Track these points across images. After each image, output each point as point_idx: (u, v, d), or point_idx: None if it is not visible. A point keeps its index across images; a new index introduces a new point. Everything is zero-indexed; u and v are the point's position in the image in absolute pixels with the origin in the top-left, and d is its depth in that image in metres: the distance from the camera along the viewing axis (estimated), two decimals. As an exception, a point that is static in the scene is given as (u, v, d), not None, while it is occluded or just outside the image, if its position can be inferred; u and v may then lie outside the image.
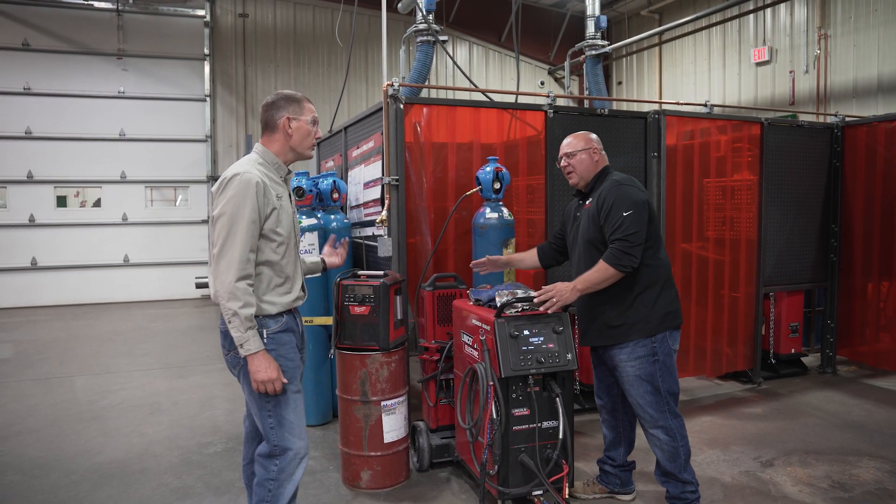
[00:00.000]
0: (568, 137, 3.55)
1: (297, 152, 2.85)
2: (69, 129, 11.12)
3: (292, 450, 2.75)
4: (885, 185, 5.78)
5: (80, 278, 11.24)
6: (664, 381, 3.25)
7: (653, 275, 3.27)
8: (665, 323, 3.28)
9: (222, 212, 2.60)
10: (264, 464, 2.76)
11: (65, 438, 4.75)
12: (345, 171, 5.71)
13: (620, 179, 3.35)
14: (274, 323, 2.73)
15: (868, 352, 6.07)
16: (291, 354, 2.78)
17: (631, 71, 13.50)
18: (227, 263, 2.57)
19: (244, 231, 2.59)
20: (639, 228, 3.16)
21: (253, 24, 12.29)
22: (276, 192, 2.73)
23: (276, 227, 2.70)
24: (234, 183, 2.62)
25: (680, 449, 3.27)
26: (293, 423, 2.76)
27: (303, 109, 2.82)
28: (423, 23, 6.55)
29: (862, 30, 8.83)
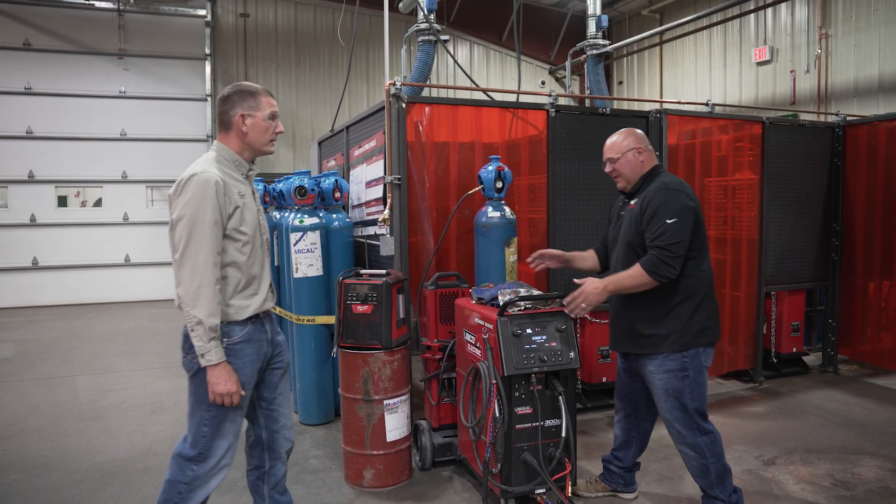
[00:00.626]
0: (610, 138, 3.37)
1: (255, 150, 2.73)
2: (70, 129, 11.13)
3: (214, 460, 2.64)
4: (887, 184, 5.78)
5: (82, 278, 11.24)
6: (692, 398, 3.12)
7: (693, 286, 3.13)
8: (700, 339, 3.14)
9: (181, 215, 2.49)
10: (181, 465, 2.64)
11: (67, 438, 4.75)
12: (346, 171, 5.71)
13: (669, 183, 3.17)
14: (237, 332, 2.62)
15: (869, 351, 6.07)
16: (247, 369, 2.65)
17: (632, 70, 13.50)
18: (191, 269, 2.46)
19: (207, 234, 2.48)
20: (681, 238, 3.03)
21: (254, 24, 12.30)
22: (237, 189, 2.64)
23: (239, 226, 2.61)
24: (192, 184, 2.51)
25: (710, 466, 3.14)
26: (227, 435, 2.66)
27: (259, 104, 2.68)
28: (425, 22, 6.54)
29: (863, 29, 8.84)
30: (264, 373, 2.82)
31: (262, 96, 2.71)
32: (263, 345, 2.74)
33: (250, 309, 2.66)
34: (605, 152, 3.36)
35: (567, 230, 4.81)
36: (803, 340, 6.22)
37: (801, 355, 6.23)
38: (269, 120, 2.72)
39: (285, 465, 2.97)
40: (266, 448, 2.90)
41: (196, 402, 2.64)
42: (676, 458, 4.20)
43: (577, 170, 4.83)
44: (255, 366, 2.70)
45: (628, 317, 3.25)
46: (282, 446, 2.91)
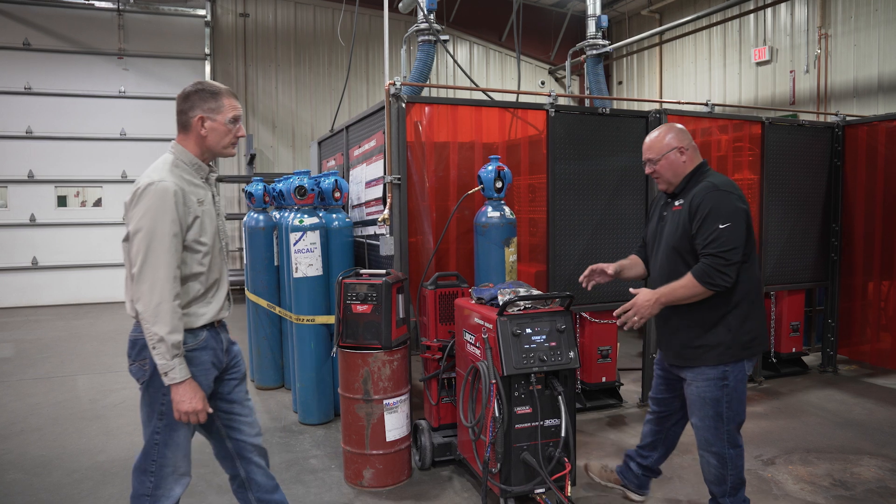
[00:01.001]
0: (649, 136, 3.16)
1: (214, 153, 2.61)
2: (70, 129, 11.13)
3: (170, 468, 2.55)
4: (886, 184, 5.79)
5: (81, 278, 11.25)
6: (730, 408, 2.98)
7: (742, 292, 2.96)
8: (748, 350, 2.98)
9: (139, 227, 2.37)
10: (140, 478, 2.56)
11: (67, 437, 4.75)
12: (346, 171, 5.71)
13: (719, 183, 2.96)
14: (192, 339, 2.52)
15: (869, 351, 6.07)
16: (200, 378, 2.54)
17: (631, 71, 13.50)
18: (150, 285, 2.35)
19: (166, 248, 2.37)
20: (736, 245, 2.85)
21: (254, 24, 12.30)
22: (196, 196, 2.52)
23: (199, 237, 2.50)
24: (149, 193, 2.39)
25: (728, 476, 3.03)
26: (180, 444, 2.57)
27: (220, 107, 2.55)
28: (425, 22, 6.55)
29: (862, 29, 8.84)
30: (220, 383, 2.72)
31: (225, 98, 2.58)
32: (219, 353, 2.65)
33: (206, 317, 2.57)
34: (645, 152, 3.16)
35: (567, 230, 4.81)
36: (803, 340, 6.22)
37: (800, 355, 6.23)
38: (230, 124, 2.60)
39: (263, 467, 2.88)
40: (235, 457, 2.81)
41: (148, 412, 2.54)
42: (675, 457, 4.21)
43: (577, 170, 4.83)
44: (210, 374, 2.61)
45: (675, 326, 3.08)
46: (251, 452, 2.82)
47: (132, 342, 2.53)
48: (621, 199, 5.00)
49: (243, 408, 2.80)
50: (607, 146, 4.94)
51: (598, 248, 4.93)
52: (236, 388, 2.79)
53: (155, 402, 2.52)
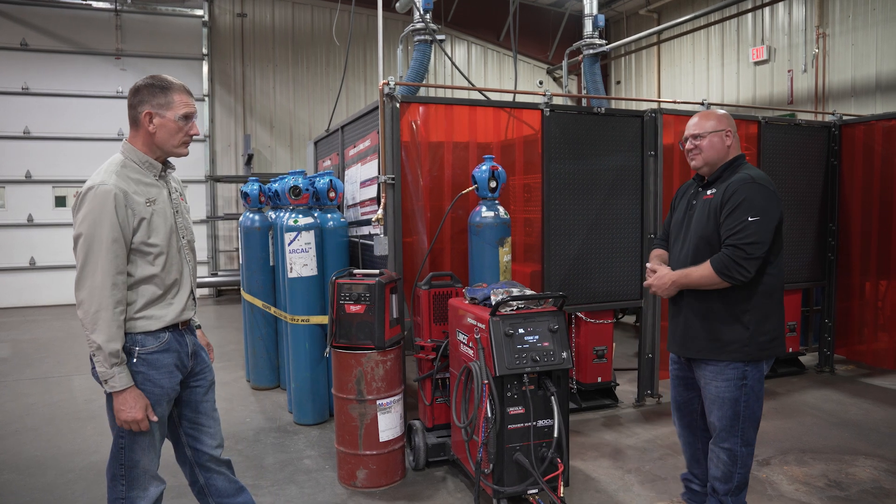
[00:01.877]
0: (695, 116, 3.08)
1: (164, 151, 2.51)
2: (67, 129, 11.13)
3: (140, 471, 2.48)
4: (883, 183, 5.78)
5: (79, 278, 11.23)
6: (747, 408, 2.91)
7: (764, 293, 2.89)
8: (766, 350, 2.90)
9: (79, 232, 2.31)
10: (111, 486, 2.50)
11: (62, 437, 4.75)
12: (342, 170, 5.70)
13: (756, 176, 2.88)
14: (152, 341, 2.44)
15: (866, 351, 6.07)
16: (164, 380, 2.47)
17: (629, 70, 13.49)
18: (88, 292, 2.29)
19: (105, 253, 2.29)
20: (761, 240, 2.78)
21: (251, 24, 12.29)
22: (145, 196, 2.42)
23: (147, 239, 2.41)
24: (89, 197, 2.31)
25: (736, 475, 2.96)
26: (145, 447, 2.48)
27: (170, 103, 2.44)
28: (421, 22, 6.55)
29: (860, 29, 8.83)
30: (186, 390, 2.64)
31: (176, 93, 2.46)
32: (183, 356, 2.56)
33: (166, 319, 2.49)
34: (689, 128, 3.05)
35: (562, 230, 4.80)
36: (800, 340, 6.21)
37: (797, 355, 6.22)
38: (180, 121, 2.48)
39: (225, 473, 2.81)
40: (194, 465, 2.75)
41: (111, 416, 2.46)
42: (671, 458, 4.20)
43: (572, 169, 4.82)
44: (174, 377, 2.52)
45: (688, 319, 3.02)
46: (209, 461, 2.75)
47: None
48: (617, 198, 5.00)
49: (208, 418, 2.73)
50: (603, 146, 4.93)
51: (594, 248, 4.92)
52: (204, 397, 2.72)
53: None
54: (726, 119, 3.02)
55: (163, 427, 2.56)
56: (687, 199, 3.16)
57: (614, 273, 5.02)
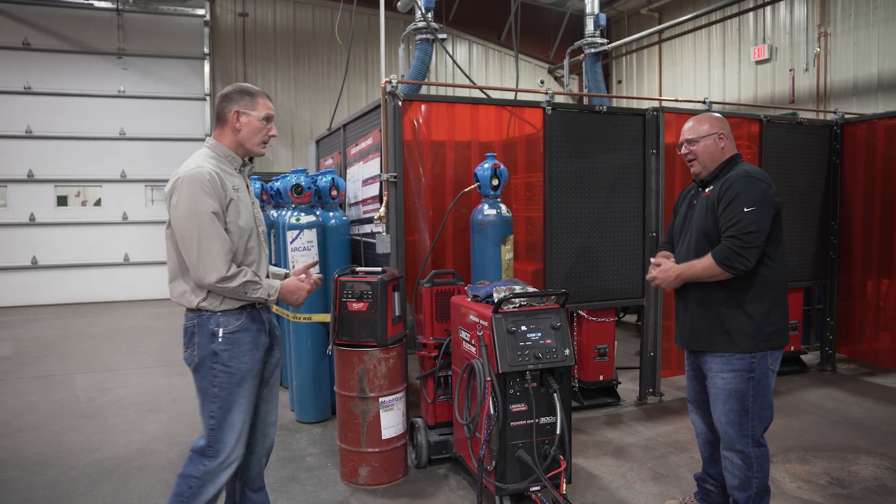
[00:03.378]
0: (689, 120, 3.18)
1: (245, 148, 2.77)
2: (69, 129, 11.13)
3: (224, 454, 2.66)
4: (885, 182, 5.77)
5: (81, 277, 11.25)
6: (755, 403, 2.91)
7: (766, 284, 2.94)
8: (771, 341, 2.93)
9: (185, 210, 2.54)
10: (194, 459, 2.68)
11: (64, 435, 4.75)
12: (343, 169, 5.71)
13: (751, 171, 2.97)
14: (234, 320, 2.66)
15: (867, 350, 6.06)
16: (246, 357, 2.68)
17: (631, 69, 13.49)
18: (212, 258, 2.53)
19: (214, 223, 2.55)
20: (758, 229, 2.84)
21: (253, 24, 12.30)
22: (231, 183, 2.68)
23: (237, 220, 2.66)
24: (186, 181, 2.55)
25: (753, 480, 2.91)
26: (234, 426, 2.67)
27: (255, 104, 2.74)
28: (423, 21, 6.55)
29: (862, 27, 8.82)
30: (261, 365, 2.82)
31: (260, 98, 2.77)
32: (262, 335, 2.77)
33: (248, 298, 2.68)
34: (683, 133, 3.16)
35: (564, 228, 4.80)
36: (801, 339, 6.21)
37: (799, 354, 6.22)
38: (263, 121, 2.76)
39: (261, 463, 2.97)
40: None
41: (202, 395, 2.68)
42: (673, 456, 4.20)
43: (574, 168, 4.82)
44: (254, 354, 2.72)
45: (695, 312, 3.06)
46: (259, 442, 2.91)
47: (184, 330, 2.70)
48: (618, 197, 5.00)
49: (272, 396, 2.94)
50: (604, 144, 4.93)
51: (595, 246, 4.92)
52: (272, 375, 2.92)
53: (207, 386, 2.65)
54: (719, 122, 3.11)
55: (250, 407, 2.74)
56: (688, 201, 3.25)
57: (616, 271, 5.02)
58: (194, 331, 2.65)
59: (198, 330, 2.64)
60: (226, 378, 2.64)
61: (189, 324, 2.67)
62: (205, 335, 2.63)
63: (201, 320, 2.64)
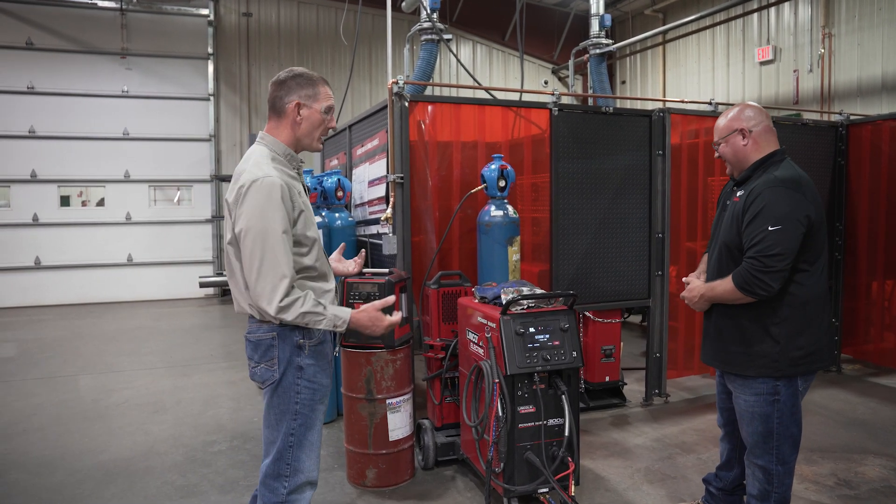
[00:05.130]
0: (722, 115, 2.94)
1: (302, 144, 2.50)
2: (73, 129, 11.13)
3: (304, 473, 2.45)
4: (890, 183, 5.76)
5: (84, 278, 11.25)
6: (781, 424, 2.73)
7: (796, 304, 2.67)
8: (800, 367, 2.69)
9: (248, 227, 2.26)
10: (272, 486, 2.42)
11: (69, 437, 4.75)
12: (349, 169, 5.71)
13: (783, 177, 2.66)
14: (316, 333, 2.43)
15: (873, 350, 6.05)
16: (328, 370, 2.51)
17: (634, 70, 13.48)
18: (271, 285, 2.25)
19: (281, 245, 2.27)
20: (783, 251, 2.56)
21: (257, 24, 12.30)
22: (297, 189, 2.43)
23: (306, 232, 2.41)
24: (255, 190, 2.27)
25: (773, 494, 2.81)
26: (313, 444, 2.48)
27: (317, 95, 2.44)
28: (428, 21, 6.55)
29: (866, 28, 8.81)
30: None
31: (321, 86, 2.47)
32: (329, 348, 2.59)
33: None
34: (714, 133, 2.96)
35: (570, 229, 4.80)
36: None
37: (804, 355, 6.20)
38: (324, 114, 2.49)
39: None
40: None
41: (279, 413, 2.41)
42: (679, 457, 4.20)
43: (581, 169, 4.82)
44: (330, 366, 2.56)
45: (718, 327, 2.89)
46: None
47: (255, 343, 2.43)
48: (625, 198, 4.99)
49: None
50: (611, 145, 4.93)
51: (602, 247, 4.92)
52: None
53: (288, 402, 2.41)
54: (741, 114, 2.84)
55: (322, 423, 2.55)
56: (723, 201, 3.02)
57: (622, 272, 5.01)
58: (272, 343, 2.38)
59: (278, 343, 2.38)
60: (309, 395, 2.43)
61: (266, 336, 2.39)
62: (287, 348, 2.38)
63: (283, 332, 2.38)
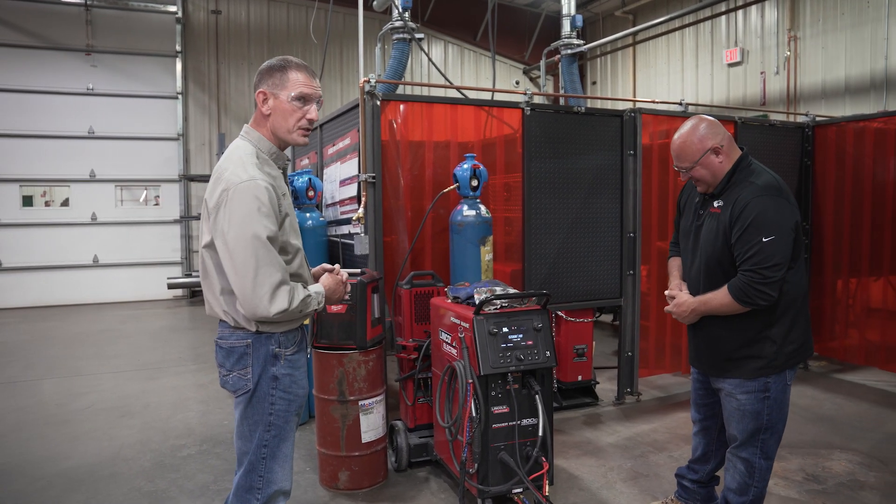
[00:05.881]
0: (678, 137, 2.82)
1: (280, 138, 2.33)
2: (36, 126, 10.84)
3: (277, 483, 2.38)
4: (855, 183, 5.89)
5: (48, 279, 10.97)
6: (770, 419, 2.77)
7: (787, 303, 2.72)
8: (792, 359, 2.76)
9: (239, 234, 2.13)
10: (244, 498, 2.36)
11: (31, 443, 4.61)
12: (320, 169, 5.64)
13: (766, 185, 2.66)
14: (292, 341, 2.38)
15: (838, 347, 6.18)
16: (303, 379, 2.43)
17: (605, 71, 13.60)
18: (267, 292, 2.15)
19: (272, 251, 2.17)
20: (780, 260, 2.58)
21: (226, 21, 12.12)
22: (281, 191, 2.31)
23: (290, 239, 2.32)
24: (241, 193, 2.14)
25: (752, 488, 2.83)
26: (286, 456, 2.42)
27: (285, 82, 2.26)
28: (399, 20, 6.52)
29: (830, 32, 9.00)
30: None
31: (292, 71, 2.27)
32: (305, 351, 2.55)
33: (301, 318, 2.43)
34: (676, 159, 2.85)
35: (542, 229, 4.80)
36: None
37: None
38: (296, 102, 2.28)
39: None
40: None
41: (252, 424, 2.33)
42: (652, 455, 4.23)
43: (553, 168, 4.83)
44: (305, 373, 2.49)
45: (710, 335, 2.87)
46: None
47: (227, 350, 2.33)
48: (597, 197, 5.02)
49: None
50: (583, 145, 4.95)
51: (574, 246, 4.94)
52: None
53: (262, 413, 2.32)
54: (709, 133, 2.78)
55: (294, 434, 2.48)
56: (694, 207, 2.98)
57: (594, 272, 5.04)
58: (246, 351, 2.29)
59: (252, 351, 2.29)
60: (284, 406, 2.35)
61: (239, 343, 2.29)
62: (262, 357, 2.29)
63: (258, 340, 2.29)
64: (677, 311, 2.94)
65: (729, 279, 2.73)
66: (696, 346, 3.00)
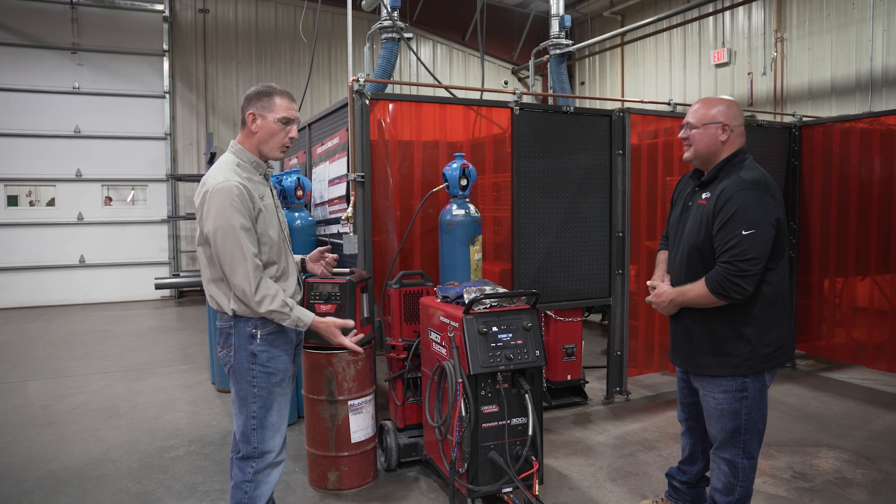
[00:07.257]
0: (698, 101, 2.86)
1: (263, 152, 2.74)
2: (20, 125, 10.74)
3: (271, 452, 2.74)
4: (841, 183, 5.94)
5: (34, 280, 10.87)
6: (749, 419, 2.76)
7: (766, 303, 2.70)
8: (769, 362, 2.74)
9: (214, 227, 2.55)
10: (241, 466, 2.74)
11: (16, 445, 4.56)
12: (309, 168, 5.62)
13: (752, 180, 2.67)
14: (271, 323, 2.69)
15: (825, 346, 6.23)
16: (283, 357, 2.75)
17: (593, 71, 13.64)
18: (242, 276, 2.55)
19: (243, 240, 2.55)
20: (757, 255, 2.57)
21: (214, 20, 12.06)
22: (258, 192, 2.67)
23: (266, 230, 2.66)
24: (215, 195, 2.55)
25: (737, 488, 2.82)
26: (275, 425, 2.75)
27: (272, 106, 2.68)
28: (388, 20, 6.50)
29: (816, 33, 9.08)
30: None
31: (278, 98, 2.70)
32: (292, 333, 2.83)
33: None
34: (688, 114, 2.86)
35: (532, 228, 4.81)
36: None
37: (759, 351, 6.33)
38: (280, 124, 2.70)
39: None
40: None
41: (241, 397, 2.70)
42: (641, 454, 4.24)
43: (542, 168, 4.83)
44: (289, 353, 2.80)
45: (688, 331, 2.87)
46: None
47: (219, 331, 2.74)
48: (585, 197, 5.03)
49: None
50: (572, 144, 4.96)
51: (563, 246, 4.95)
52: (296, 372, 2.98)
53: (246, 386, 2.69)
54: (728, 110, 2.79)
55: (287, 405, 2.82)
56: (684, 200, 2.98)
57: (583, 271, 5.05)
58: (230, 332, 2.68)
59: (234, 331, 2.67)
60: (265, 378, 2.69)
61: (225, 325, 2.70)
62: (242, 337, 2.67)
63: (238, 322, 2.67)
64: (657, 301, 2.96)
65: (709, 270, 2.73)
66: (674, 338, 3.00)
